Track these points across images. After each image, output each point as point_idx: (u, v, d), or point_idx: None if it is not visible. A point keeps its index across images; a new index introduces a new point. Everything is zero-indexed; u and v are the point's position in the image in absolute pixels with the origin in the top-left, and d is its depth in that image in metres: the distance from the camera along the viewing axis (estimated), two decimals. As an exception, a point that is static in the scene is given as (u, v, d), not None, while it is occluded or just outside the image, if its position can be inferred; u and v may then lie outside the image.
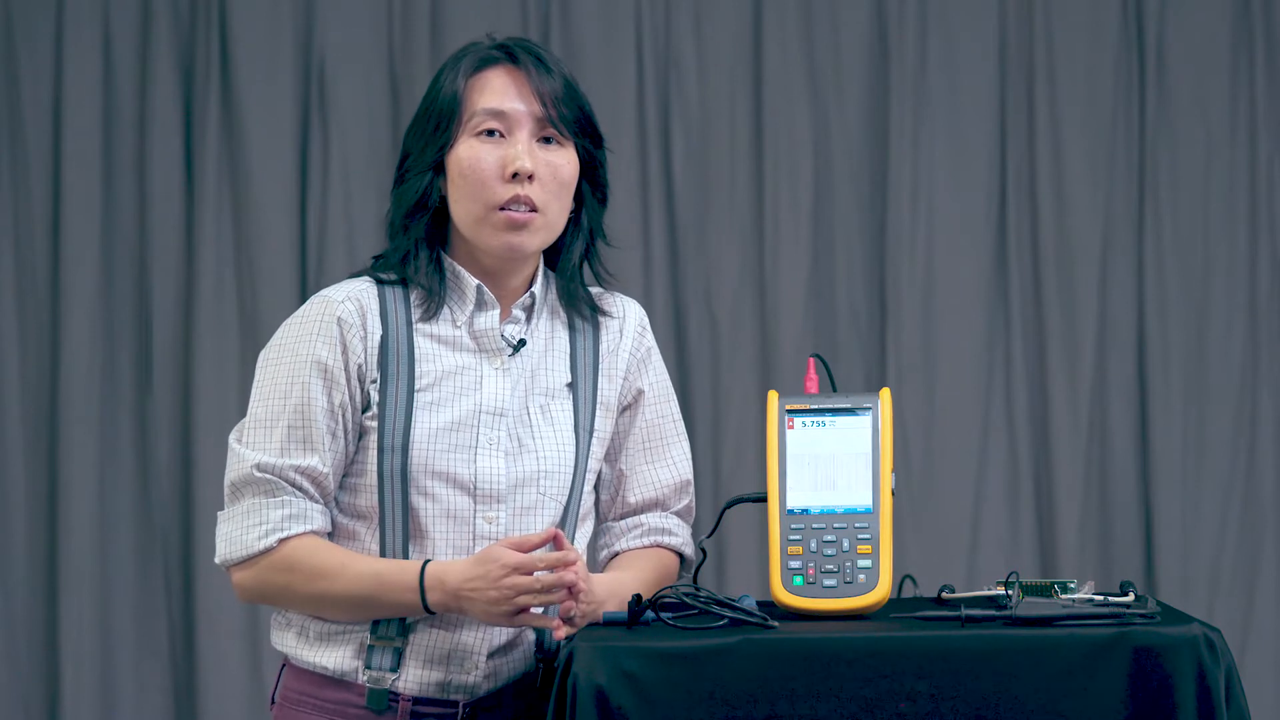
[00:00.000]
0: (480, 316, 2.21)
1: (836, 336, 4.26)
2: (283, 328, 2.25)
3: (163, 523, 4.18)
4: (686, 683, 1.89)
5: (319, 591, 2.14)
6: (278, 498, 2.17)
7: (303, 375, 2.18)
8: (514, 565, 2.05)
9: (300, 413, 2.17)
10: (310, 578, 2.15)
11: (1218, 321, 4.27)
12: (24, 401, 4.17)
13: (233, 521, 2.21)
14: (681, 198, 4.26)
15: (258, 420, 2.20)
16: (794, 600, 2.10)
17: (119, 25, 4.19)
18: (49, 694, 4.14)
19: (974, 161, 4.28)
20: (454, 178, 2.18)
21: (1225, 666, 1.90)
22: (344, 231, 4.21)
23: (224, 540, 2.22)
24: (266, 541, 2.17)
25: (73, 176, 4.17)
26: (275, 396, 2.19)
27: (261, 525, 2.17)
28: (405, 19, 4.24)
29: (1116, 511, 4.25)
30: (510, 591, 2.05)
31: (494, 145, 2.18)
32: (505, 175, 2.17)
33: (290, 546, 2.16)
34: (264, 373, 2.23)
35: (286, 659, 2.23)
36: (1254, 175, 4.28)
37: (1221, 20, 4.28)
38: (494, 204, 2.17)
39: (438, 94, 2.20)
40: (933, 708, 1.88)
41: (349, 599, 2.14)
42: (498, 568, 2.05)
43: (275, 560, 2.17)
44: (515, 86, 2.19)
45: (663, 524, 2.31)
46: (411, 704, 2.16)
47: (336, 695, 2.17)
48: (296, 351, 2.20)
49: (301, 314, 2.23)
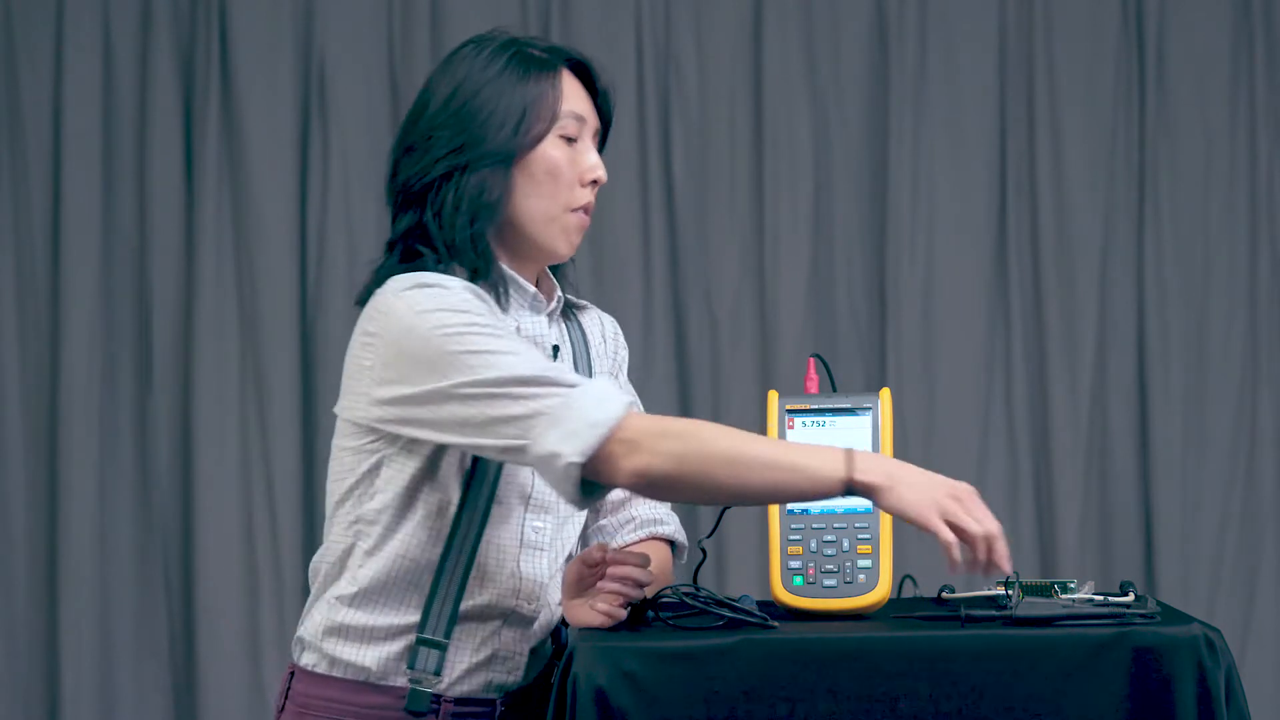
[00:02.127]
0: (530, 320, 2.21)
1: (836, 336, 4.26)
2: (417, 300, 2.08)
3: (163, 523, 4.19)
4: (686, 683, 1.89)
5: (737, 445, 2.00)
6: (577, 383, 2.04)
7: (487, 312, 2.11)
8: (974, 492, 2.01)
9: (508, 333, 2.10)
10: (715, 433, 2.02)
11: (1218, 321, 4.28)
12: (24, 401, 4.17)
13: (566, 411, 2.00)
14: (681, 198, 4.26)
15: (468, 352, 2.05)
16: (794, 600, 2.10)
17: (119, 25, 4.20)
18: (49, 694, 4.14)
19: (974, 161, 4.29)
20: (534, 176, 2.17)
21: (1225, 666, 1.90)
22: (344, 231, 4.21)
23: (581, 423, 2.00)
24: (623, 395, 2.04)
25: (73, 176, 4.17)
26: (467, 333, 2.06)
27: (604, 396, 2.02)
28: (405, 19, 4.24)
29: (1116, 511, 4.25)
30: (955, 496, 2.00)
31: (571, 149, 2.19)
32: (584, 180, 2.19)
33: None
34: (420, 334, 2.07)
35: (296, 666, 2.20)
36: (1254, 175, 4.28)
37: (1221, 20, 4.28)
38: (570, 206, 2.19)
39: (506, 88, 2.16)
40: (933, 708, 1.88)
41: (773, 459, 1.99)
42: (962, 484, 2.01)
43: (654, 419, 2.03)
44: (586, 94, 2.21)
45: (653, 514, 2.31)
46: (454, 705, 2.15)
47: (371, 699, 2.15)
48: (469, 304, 2.08)
49: (434, 281, 2.09)
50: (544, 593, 2.18)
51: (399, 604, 2.15)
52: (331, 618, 2.16)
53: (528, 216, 2.18)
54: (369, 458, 2.15)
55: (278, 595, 4.14)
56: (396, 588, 2.14)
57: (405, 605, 2.14)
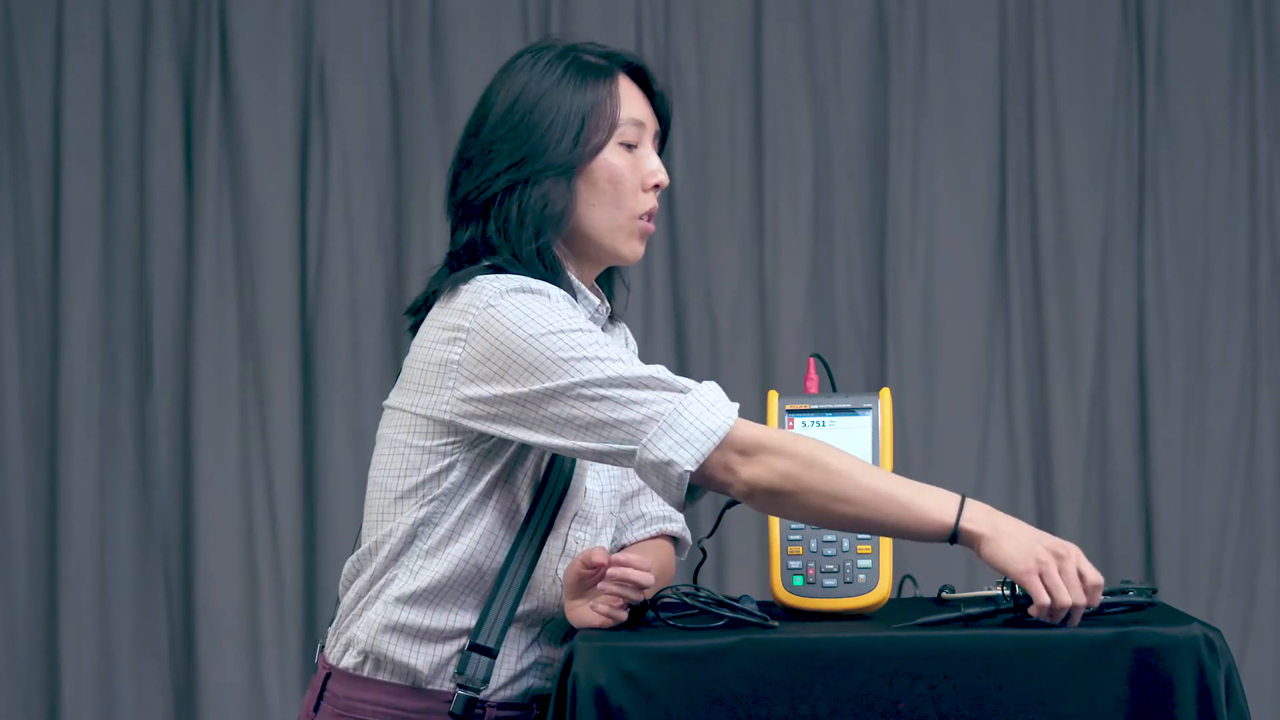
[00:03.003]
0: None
1: (836, 336, 4.26)
2: (521, 304, 2.08)
3: (163, 523, 4.19)
4: (686, 683, 1.89)
5: (849, 473, 2.01)
6: (689, 388, 2.04)
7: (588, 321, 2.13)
8: (1078, 553, 1.98)
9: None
10: (831, 458, 2.02)
11: (1218, 321, 4.28)
12: (24, 401, 4.17)
13: (679, 416, 2.03)
14: (681, 198, 4.26)
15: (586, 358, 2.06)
16: (794, 600, 2.10)
17: (119, 25, 4.20)
18: (49, 694, 4.14)
19: (974, 161, 4.29)
20: (597, 184, 2.16)
21: (1225, 666, 1.90)
22: (344, 231, 4.21)
23: (696, 428, 2.02)
24: (735, 406, 2.05)
25: (73, 176, 4.17)
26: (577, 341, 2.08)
27: (716, 402, 2.04)
28: (405, 19, 4.24)
29: (1116, 511, 4.25)
30: (1058, 554, 1.97)
31: (632, 155, 2.19)
32: (646, 186, 2.19)
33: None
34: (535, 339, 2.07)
35: (333, 668, 2.17)
36: (1254, 175, 4.28)
37: (1221, 20, 4.28)
38: (636, 213, 2.19)
39: (564, 97, 2.16)
40: (933, 708, 1.88)
41: (884, 493, 2.00)
42: (1066, 543, 1.99)
43: (772, 431, 2.05)
44: (643, 99, 2.21)
45: (662, 511, 2.32)
46: (496, 710, 2.14)
47: (417, 704, 2.13)
48: (573, 313, 2.10)
49: (537, 288, 2.10)
50: None
51: (457, 607, 2.14)
52: (389, 616, 2.14)
53: (593, 226, 2.18)
54: (442, 459, 2.13)
55: (278, 595, 4.14)
56: (455, 590, 2.13)
57: (463, 609, 2.14)
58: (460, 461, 2.13)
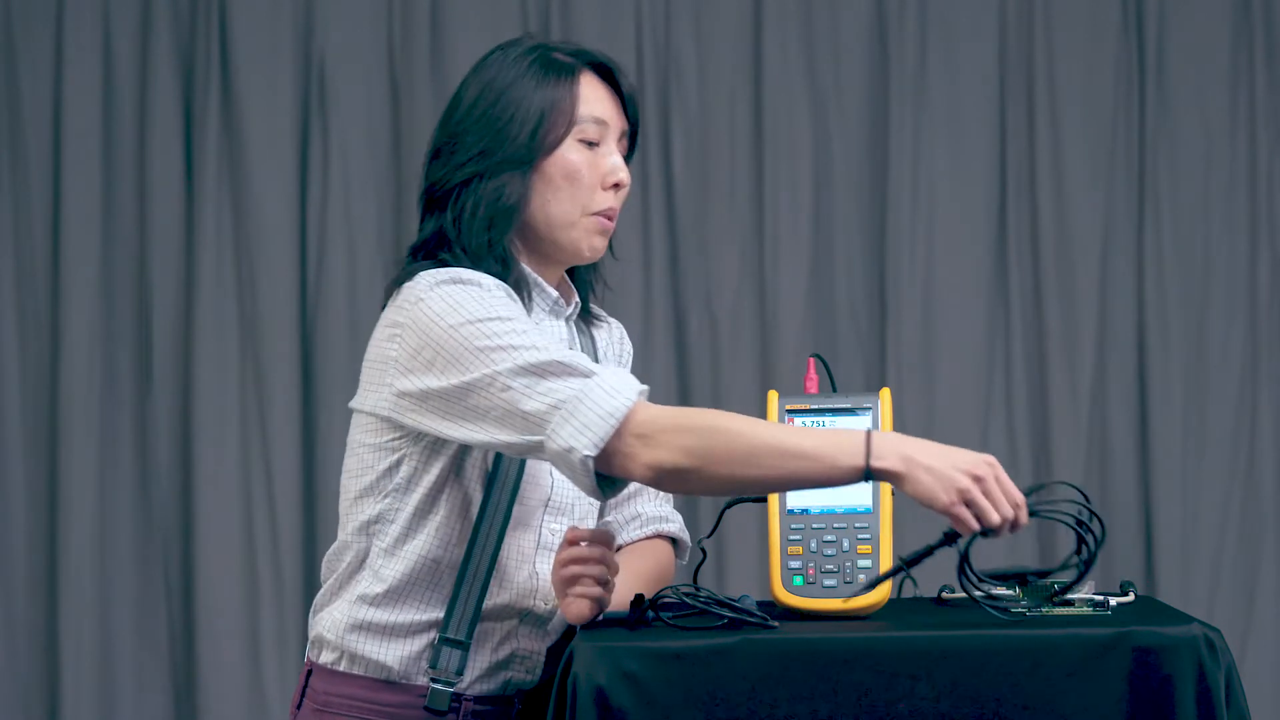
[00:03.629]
0: (549, 324, 2.21)
1: (836, 336, 4.26)
2: (448, 295, 2.07)
3: (163, 523, 4.19)
4: (686, 683, 1.89)
5: (752, 436, 1.96)
6: (594, 372, 2.02)
7: (517, 308, 2.11)
8: (996, 466, 1.95)
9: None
10: (731, 424, 1.98)
11: (1218, 321, 4.28)
12: (24, 401, 4.17)
13: (579, 402, 1.99)
14: (681, 198, 4.26)
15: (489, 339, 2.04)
16: (794, 600, 2.10)
17: (119, 25, 4.20)
18: (49, 694, 4.14)
19: (974, 161, 4.29)
20: (552, 180, 2.17)
21: (1225, 666, 1.90)
22: (344, 231, 4.21)
23: (595, 414, 1.98)
24: (638, 383, 2.02)
25: (73, 176, 4.17)
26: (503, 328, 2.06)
27: (618, 386, 2.00)
28: (405, 19, 4.24)
29: (1116, 511, 4.25)
30: (977, 476, 1.94)
31: (592, 153, 2.19)
32: (606, 184, 2.19)
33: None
34: (457, 329, 2.06)
35: (314, 664, 2.20)
36: (1254, 175, 4.28)
37: (1221, 20, 4.28)
38: (590, 210, 2.18)
39: (525, 93, 2.17)
40: (933, 708, 1.88)
41: (789, 448, 1.96)
42: (982, 459, 1.95)
43: (668, 410, 2.01)
44: (611, 98, 2.21)
45: (659, 511, 2.31)
46: (473, 704, 2.15)
47: (392, 698, 2.15)
48: (499, 300, 2.08)
49: (468, 278, 2.09)
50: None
51: (422, 602, 2.15)
52: (354, 615, 2.16)
53: (548, 221, 2.18)
54: (390, 455, 2.15)
55: (278, 595, 4.14)
56: (419, 587, 2.15)
57: (428, 604, 2.15)
58: (408, 456, 2.14)
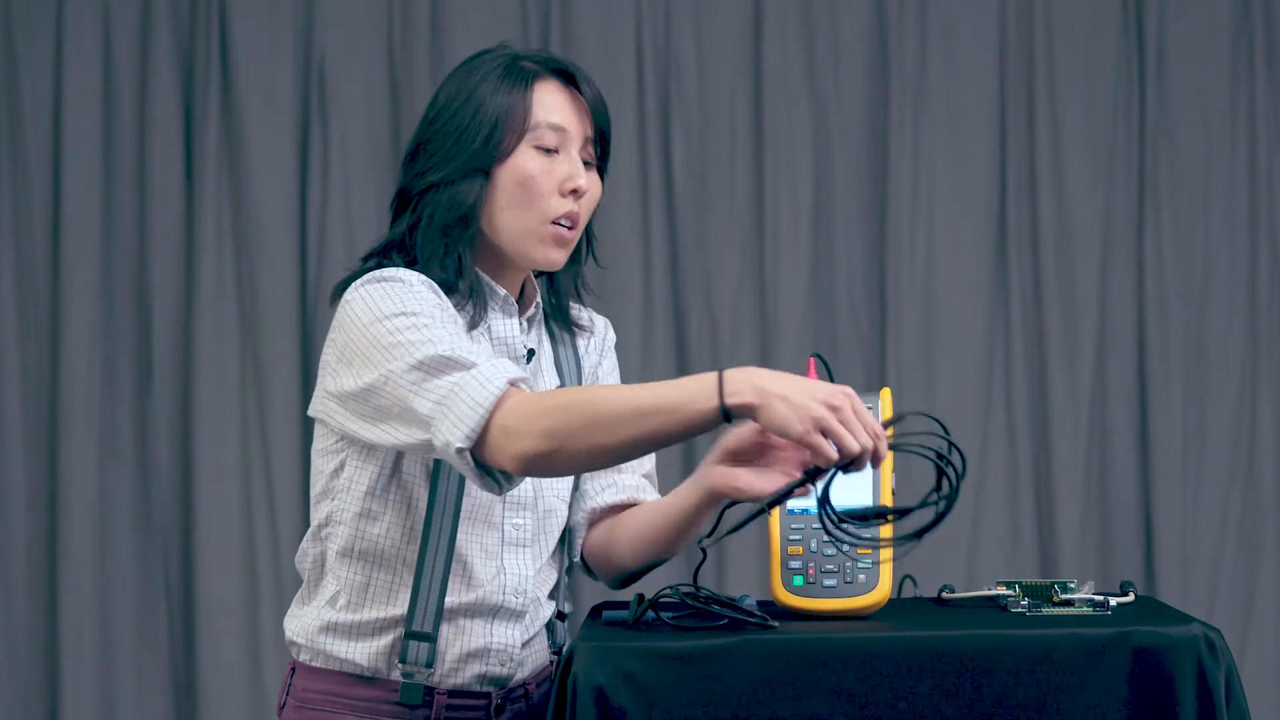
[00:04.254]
0: (501, 322, 2.21)
1: (836, 336, 4.26)
2: (370, 293, 2.09)
3: (163, 523, 4.19)
4: (686, 683, 1.89)
5: (606, 404, 1.95)
6: (475, 364, 2.01)
7: (435, 304, 2.10)
8: (853, 396, 1.92)
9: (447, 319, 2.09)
10: (586, 396, 1.98)
11: (1218, 321, 4.28)
12: (24, 401, 4.17)
13: (455, 396, 1.98)
14: (681, 198, 4.26)
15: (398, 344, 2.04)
16: (794, 600, 2.10)
17: (119, 25, 4.20)
18: (49, 694, 4.14)
19: (974, 161, 4.29)
20: (506, 186, 2.17)
21: (1225, 666, 1.90)
22: (344, 231, 4.21)
23: (466, 405, 1.98)
24: (514, 372, 2.01)
25: (73, 176, 4.17)
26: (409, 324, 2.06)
27: (489, 376, 1.99)
28: (405, 19, 4.24)
29: (1116, 511, 4.25)
30: (833, 405, 1.90)
31: (549, 159, 2.18)
32: (563, 191, 2.18)
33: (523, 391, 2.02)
34: (370, 326, 2.07)
35: (296, 662, 2.22)
36: (1254, 175, 4.28)
37: (1221, 20, 4.28)
38: (547, 217, 2.17)
39: (482, 102, 2.17)
40: (933, 708, 1.88)
41: (644, 406, 1.93)
42: (839, 389, 1.91)
43: (529, 396, 1.99)
44: (572, 104, 2.20)
45: (634, 481, 2.30)
46: (447, 697, 2.16)
47: (366, 692, 2.16)
48: (414, 295, 2.08)
49: (394, 276, 2.11)
50: (530, 586, 2.20)
51: (383, 601, 2.17)
52: (321, 617, 2.19)
53: (502, 228, 2.18)
54: (334, 458, 2.18)
55: (278, 595, 4.14)
56: (378, 586, 2.17)
57: (390, 601, 2.16)
58: (349, 458, 2.16)
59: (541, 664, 2.24)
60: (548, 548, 2.23)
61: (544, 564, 2.23)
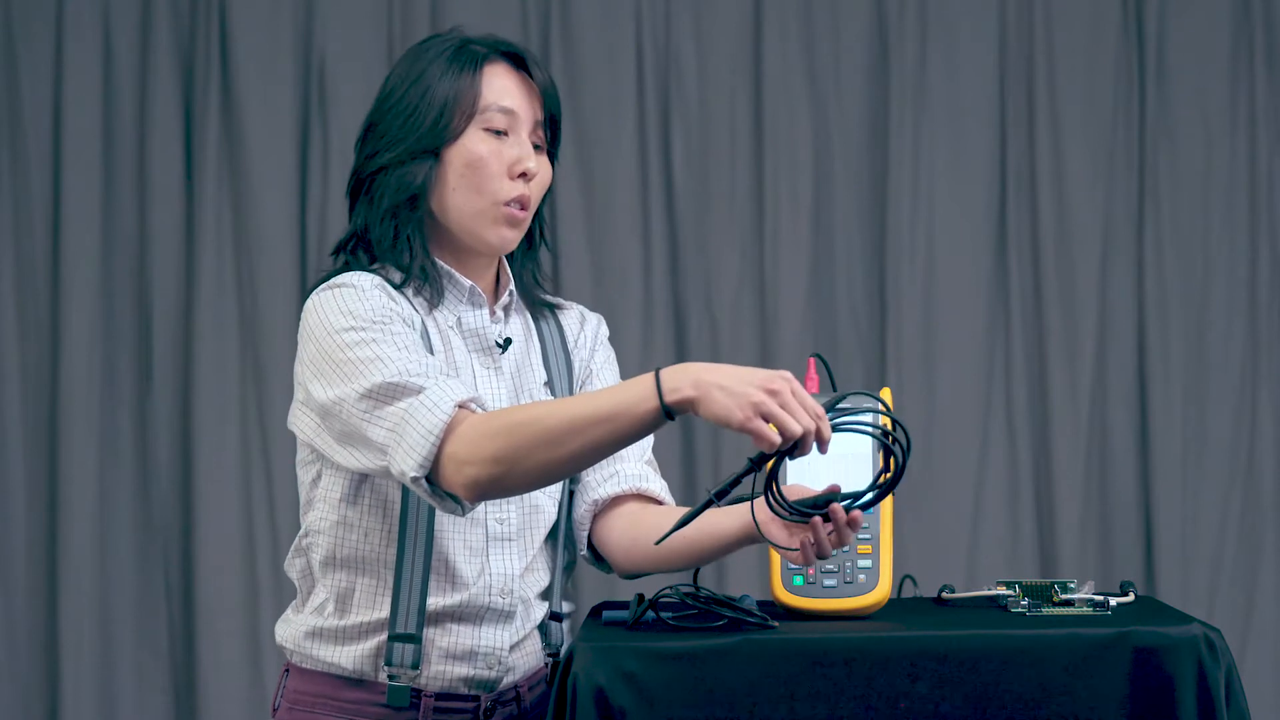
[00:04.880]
0: (470, 314, 2.21)
1: (836, 336, 4.26)
2: (322, 303, 2.11)
3: (163, 523, 4.19)
4: (686, 683, 1.89)
5: (550, 419, 1.95)
6: (423, 388, 2.02)
7: (386, 312, 2.11)
8: (791, 380, 1.91)
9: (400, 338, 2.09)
10: (531, 414, 1.97)
11: (1218, 321, 4.28)
12: (24, 401, 4.17)
13: (405, 424, 2.00)
14: (681, 198, 4.26)
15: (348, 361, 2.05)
16: (794, 600, 2.10)
17: (119, 25, 4.20)
18: (49, 694, 4.14)
19: (974, 161, 4.29)
20: (456, 168, 2.17)
21: (1225, 666, 1.90)
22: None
23: (417, 433, 1.99)
24: (461, 394, 2.01)
25: (73, 176, 4.17)
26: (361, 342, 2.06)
27: (437, 401, 2.00)
28: (405, 19, 4.24)
29: (1116, 511, 4.25)
30: (772, 390, 1.90)
31: (499, 142, 2.18)
32: (513, 173, 2.18)
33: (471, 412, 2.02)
34: (331, 335, 2.08)
35: (290, 664, 2.22)
36: (1254, 174, 4.28)
37: (1221, 20, 4.28)
38: (498, 199, 2.17)
39: (430, 85, 2.18)
40: (932, 708, 1.88)
41: (586, 417, 1.94)
42: (777, 374, 1.91)
43: (477, 421, 1.99)
44: (522, 87, 2.20)
45: (637, 470, 2.29)
46: (434, 700, 2.16)
47: (354, 695, 2.17)
48: (365, 303, 2.09)
49: (345, 281, 2.12)
50: (518, 585, 2.19)
51: (366, 605, 2.17)
52: (308, 624, 2.22)
53: (452, 210, 2.18)
54: (312, 469, 2.20)
55: (277, 596, 4.14)
56: (364, 591, 2.17)
57: (373, 605, 2.17)
58: (324, 468, 2.18)
59: (534, 667, 2.23)
60: (533, 544, 2.22)
61: (530, 562, 2.22)
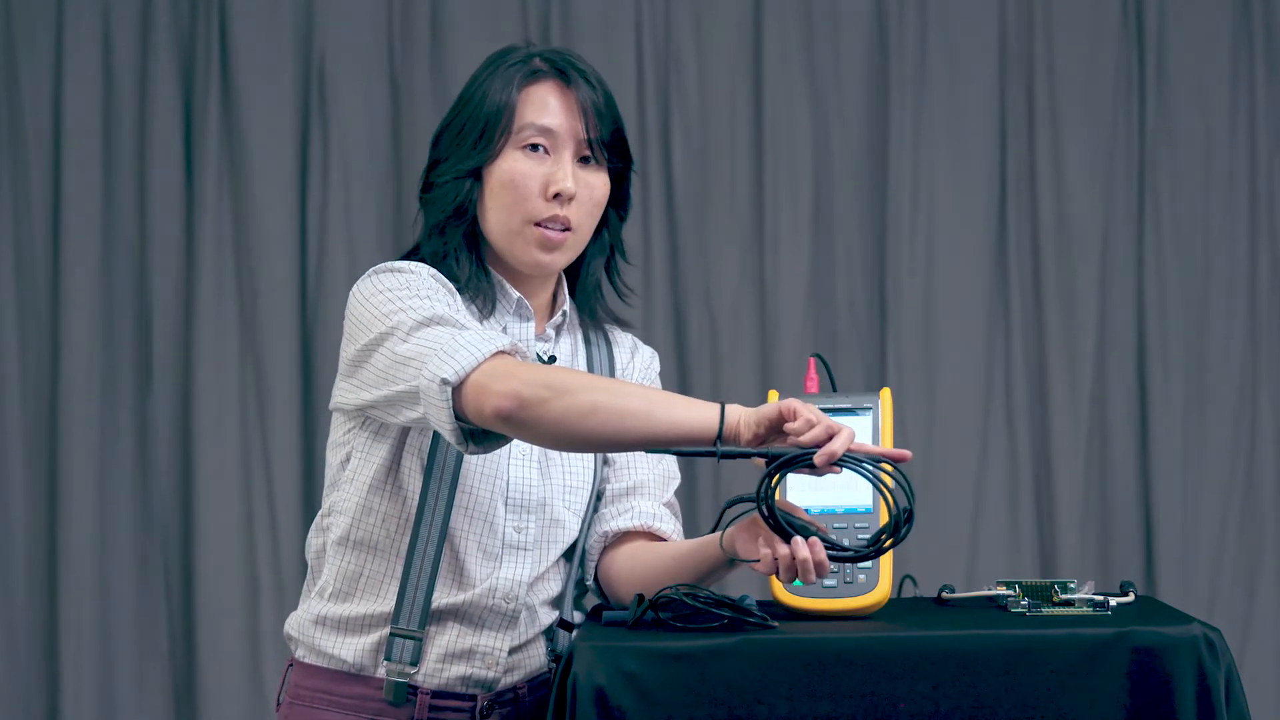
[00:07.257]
0: (516, 326, 2.22)
1: (836, 336, 4.26)
2: (375, 280, 2.14)
3: (163, 523, 4.19)
4: (686, 683, 1.89)
5: (606, 386, 2.00)
6: (469, 328, 2.06)
7: (437, 289, 2.14)
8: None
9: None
10: (591, 377, 2.04)
11: (1218, 321, 4.28)
12: (24, 402, 4.17)
13: (451, 341, 2.03)
14: (681, 198, 4.26)
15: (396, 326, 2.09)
16: (794, 600, 2.10)
17: (119, 25, 4.20)
18: (49, 694, 4.14)
19: (974, 160, 4.29)
20: (493, 188, 2.18)
21: (1225, 666, 1.90)
22: (344, 231, 4.21)
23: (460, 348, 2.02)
24: (503, 343, 2.03)
25: (73, 176, 4.17)
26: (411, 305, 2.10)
27: (484, 336, 2.04)
28: (405, 19, 4.24)
29: (1116, 511, 4.25)
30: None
31: (537, 161, 2.18)
32: (547, 194, 2.18)
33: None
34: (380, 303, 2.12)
35: (293, 659, 2.23)
36: (1254, 174, 4.28)
37: (1221, 19, 4.28)
38: (531, 219, 2.18)
39: (480, 101, 2.18)
40: (933, 708, 1.88)
41: (645, 395, 1.98)
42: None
43: (515, 361, 2.03)
44: (564, 104, 2.20)
45: (653, 509, 2.29)
46: (430, 697, 2.16)
47: (353, 690, 2.17)
48: (419, 280, 2.13)
49: (398, 266, 2.15)
50: (524, 592, 2.20)
51: (373, 595, 2.18)
52: (314, 610, 2.21)
53: (492, 229, 2.21)
54: (342, 450, 2.21)
55: (278, 595, 4.14)
56: (371, 577, 2.18)
57: (379, 597, 2.18)
58: (355, 450, 2.19)
59: (536, 669, 2.24)
60: (549, 557, 2.23)
61: (544, 572, 2.22)
